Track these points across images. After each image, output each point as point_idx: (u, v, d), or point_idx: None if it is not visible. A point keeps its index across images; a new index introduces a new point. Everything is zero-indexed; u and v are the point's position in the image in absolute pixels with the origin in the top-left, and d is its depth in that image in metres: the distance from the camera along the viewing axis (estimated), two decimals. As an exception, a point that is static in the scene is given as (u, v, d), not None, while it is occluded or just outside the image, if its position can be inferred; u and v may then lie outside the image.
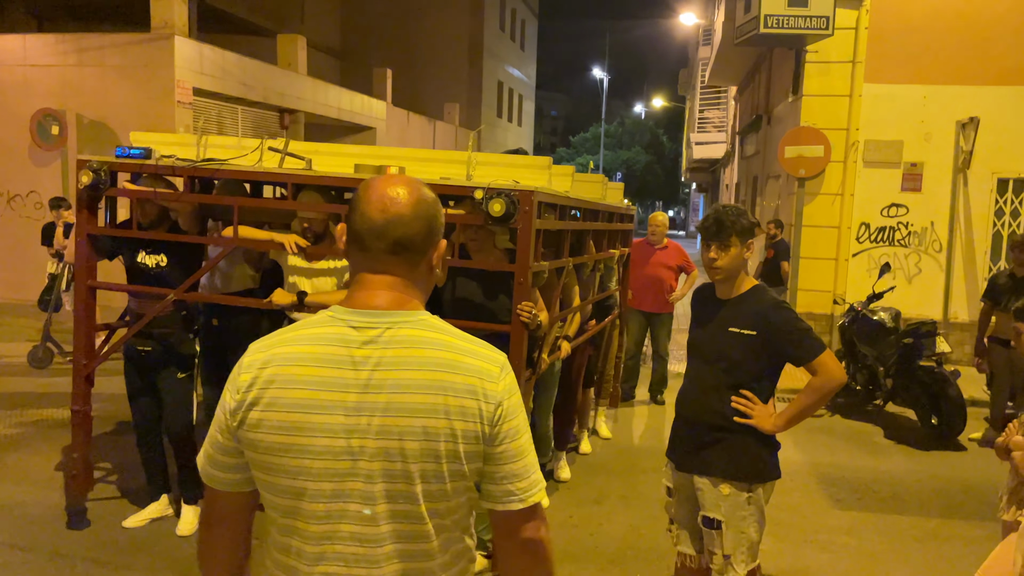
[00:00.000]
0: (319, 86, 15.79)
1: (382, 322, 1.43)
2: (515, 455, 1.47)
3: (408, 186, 1.48)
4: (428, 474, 1.40)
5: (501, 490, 1.47)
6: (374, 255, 1.46)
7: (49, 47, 11.78)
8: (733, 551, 3.01)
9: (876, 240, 10.05)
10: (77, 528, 4.38)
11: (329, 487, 1.40)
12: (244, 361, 1.46)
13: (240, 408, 1.42)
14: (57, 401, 6.77)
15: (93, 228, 4.26)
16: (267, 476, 1.43)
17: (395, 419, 1.38)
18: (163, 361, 4.39)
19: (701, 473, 3.05)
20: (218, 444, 1.47)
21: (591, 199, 5.08)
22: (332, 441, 1.39)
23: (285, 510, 1.44)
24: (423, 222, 1.47)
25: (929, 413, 7.01)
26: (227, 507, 1.51)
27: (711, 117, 25.26)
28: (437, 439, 1.39)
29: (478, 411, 1.42)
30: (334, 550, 1.42)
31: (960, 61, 9.67)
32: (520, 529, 1.50)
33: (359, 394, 1.39)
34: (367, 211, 1.45)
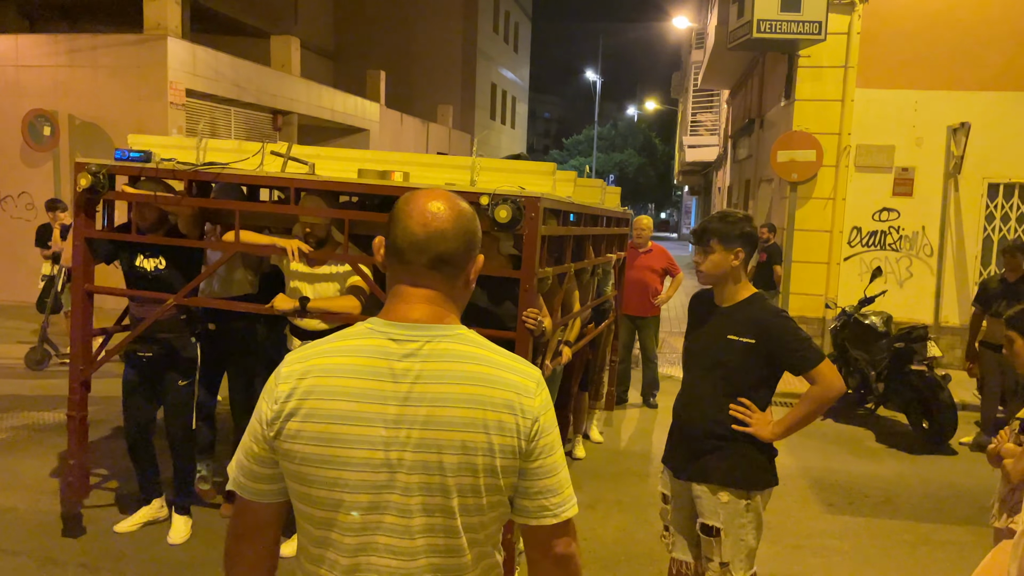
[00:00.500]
0: (312, 88, 15.78)
1: (422, 335, 1.44)
2: (550, 471, 1.48)
3: (448, 201, 1.49)
4: (465, 488, 1.41)
5: (536, 505, 1.48)
6: (414, 269, 1.46)
7: (41, 47, 11.74)
8: (732, 559, 3.02)
9: (868, 244, 10.11)
10: (72, 536, 4.33)
11: (366, 499, 1.40)
12: (282, 371, 1.46)
13: (278, 418, 1.42)
14: (52, 404, 6.74)
15: (91, 232, 4.22)
16: (303, 487, 1.43)
17: (434, 432, 1.39)
18: (165, 366, 4.36)
19: (699, 480, 3.05)
20: (253, 454, 1.47)
21: (591, 204, 5.09)
22: (371, 453, 1.39)
23: (320, 521, 1.43)
24: (463, 237, 1.48)
25: (920, 417, 7.05)
26: (258, 518, 1.51)
27: (704, 120, 25.33)
28: (475, 453, 1.40)
29: (515, 426, 1.42)
30: (368, 562, 1.42)
31: (952, 67, 9.73)
32: (553, 544, 1.51)
33: (399, 407, 1.39)
34: (409, 225, 1.45)
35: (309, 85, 15.63)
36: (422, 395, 1.40)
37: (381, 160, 4.20)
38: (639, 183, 49.78)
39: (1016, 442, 3.01)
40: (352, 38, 25.42)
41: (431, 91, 25.93)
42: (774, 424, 3.01)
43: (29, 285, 9.75)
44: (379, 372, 1.41)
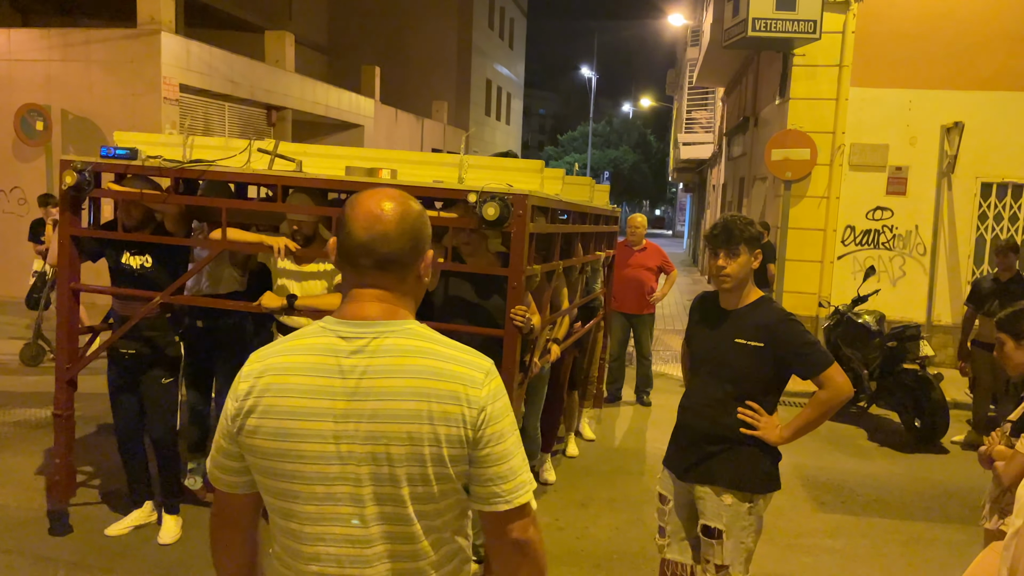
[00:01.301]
0: (307, 83, 15.73)
1: (370, 332, 1.49)
2: (500, 458, 1.51)
3: (393, 201, 1.52)
4: (414, 477, 1.46)
5: (487, 492, 1.51)
6: (362, 271, 1.52)
7: (34, 42, 11.68)
8: (731, 562, 3.01)
9: (861, 243, 10.12)
10: (59, 534, 4.31)
11: (321, 490, 1.47)
12: (243, 370, 1.54)
13: (239, 415, 1.50)
14: (43, 400, 6.70)
15: (76, 229, 4.19)
16: (265, 479, 1.51)
17: (382, 425, 1.44)
18: (148, 364, 4.32)
19: (704, 482, 3.04)
20: (222, 448, 1.55)
21: (579, 201, 5.08)
22: (323, 446, 1.45)
23: (282, 512, 1.51)
24: (408, 237, 1.52)
25: (912, 416, 7.06)
26: (234, 508, 1.59)
27: (698, 118, 25.33)
28: (421, 444, 1.45)
29: (461, 416, 1.46)
30: (327, 551, 1.49)
31: (946, 66, 9.74)
32: (508, 529, 1.54)
33: (347, 401, 1.45)
34: (353, 229, 1.50)
35: (303, 81, 15.58)
36: (369, 390, 1.45)
37: (369, 158, 4.19)
38: (634, 180, 49.80)
39: (1007, 444, 3.01)
40: (347, 33, 25.35)
41: (426, 87, 25.88)
42: (782, 428, 3.00)
43: (21, 280, 9.71)
44: (328, 369, 1.47)
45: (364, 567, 1.49)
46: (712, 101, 23.85)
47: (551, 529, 4.80)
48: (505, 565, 1.57)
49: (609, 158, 49.99)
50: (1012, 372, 3.23)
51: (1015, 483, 2.87)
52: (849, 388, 2.95)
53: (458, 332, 3.77)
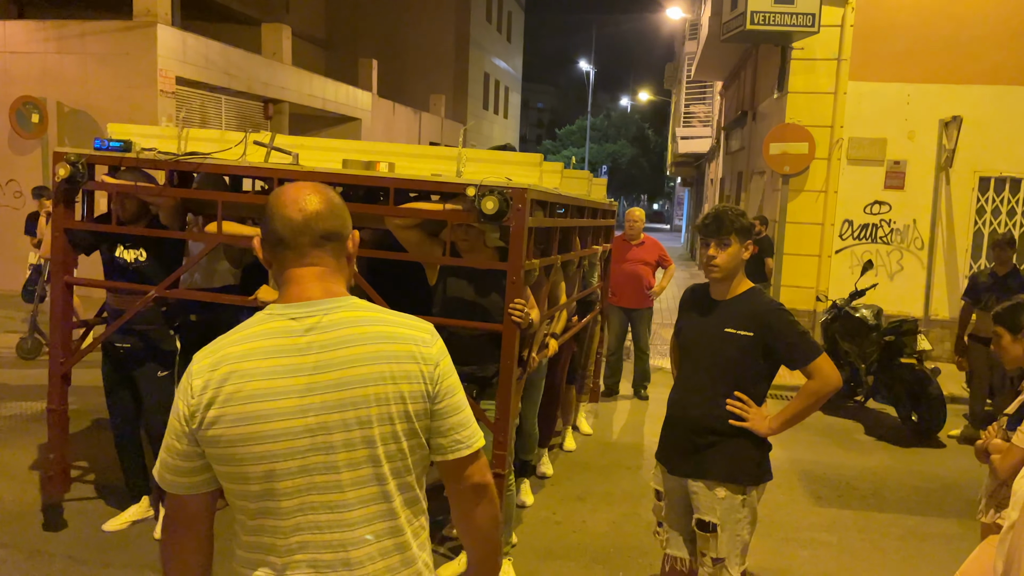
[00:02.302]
0: (304, 76, 15.67)
1: (318, 310, 1.57)
2: (456, 407, 1.65)
3: (314, 187, 1.63)
4: (387, 436, 1.56)
5: (449, 441, 1.64)
6: (301, 250, 1.59)
7: (30, 34, 11.62)
8: (728, 554, 3.01)
9: (859, 237, 10.11)
10: (53, 530, 4.28)
11: (295, 464, 1.52)
12: (192, 369, 1.56)
13: (197, 411, 1.52)
14: (38, 393, 6.68)
15: (70, 223, 4.15)
16: (233, 467, 1.53)
17: (349, 392, 1.53)
18: (143, 358, 4.29)
19: (696, 476, 3.04)
20: (176, 451, 1.56)
21: (577, 195, 5.06)
22: (290, 423, 1.51)
23: (256, 495, 1.54)
24: (337, 214, 1.62)
25: (909, 410, 7.07)
26: (192, 510, 1.61)
27: (696, 112, 25.30)
28: (388, 403, 1.55)
29: (420, 373, 1.58)
30: (307, 520, 1.54)
31: (944, 60, 9.72)
32: (470, 474, 1.68)
33: (308, 376, 1.52)
34: (286, 213, 1.58)
35: (300, 74, 15.53)
36: (329, 362, 1.53)
37: (366, 151, 4.15)
38: (632, 174, 49.78)
39: (1003, 438, 3.01)
40: (344, 26, 25.27)
41: (423, 80, 25.81)
42: (771, 419, 2.99)
43: (17, 273, 9.68)
44: (285, 349, 1.53)
45: (346, 531, 1.55)
46: (710, 95, 23.82)
47: (549, 523, 4.79)
48: (467, 509, 1.71)
49: (607, 152, 49.94)
50: (1008, 366, 3.23)
51: (1011, 476, 2.87)
52: (837, 378, 2.94)
53: (456, 328, 3.76)
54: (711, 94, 23.58)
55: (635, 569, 4.29)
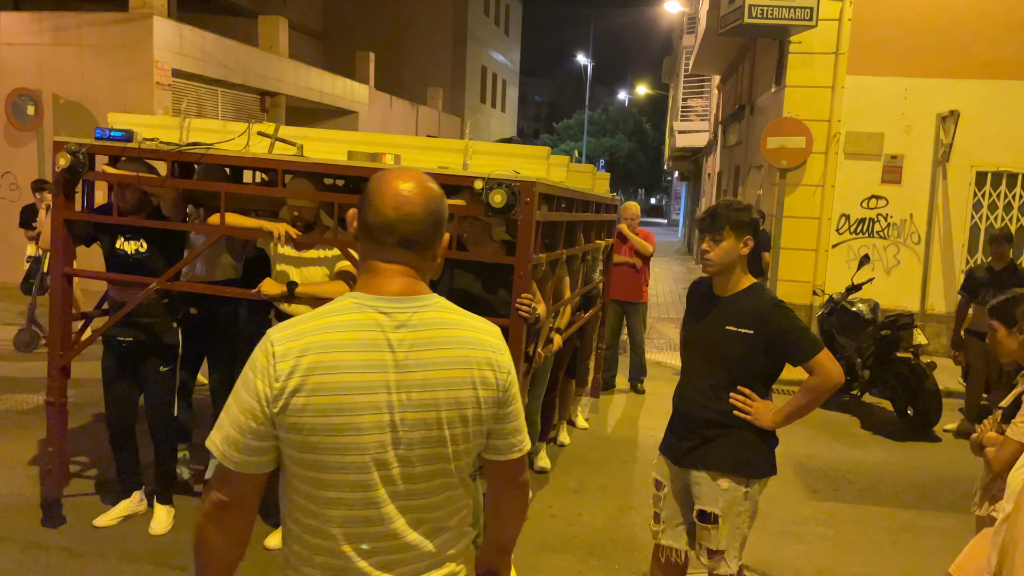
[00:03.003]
0: (301, 69, 15.63)
1: (408, 307, 1.59)
2: (517, 413, 1.74)
3: (418, 183, 1.60)
4: (457, 437, 1.62)
5: (506, 444, 1.74)
6: (386, 248, 1.60)
7: (25, 25, 11.56)
8: (727, 547, 3.02)
9: (856, 232, 10.13)
10: (51, 526, 4.25)
11: (374, 458, 1.55)
12: (276, 350, 1.53)
13: (281, 395, 1.51)
14: (36, 386, 6.67)
15: (70, 213, 4.11)
16: (310, 455, 1.54)
17: (433, 393, 1.57)
18: (146, 352, 4.24)
19: (699, 467, 3.05)
20: (248, 429, 1.54)
21: (582, 189, 5.05)
22: (377, 416, 1.54)
23: (330, 484, 1.55)
24: (431, 219, 1.61)
25: (905, 404, 7.09)
26: (250, 488, 1.60)
27: (694, 106, 25.28)
28: (466, 407, 1.61)
29: (495, 380, 1.65)
30: (380, 514, 1.57)
31: (942, 54, 9.72)
32: (518, 473, 1.80)
33: (398, 373, 1.55)
34: (380, 206, 1.58)
35: (297, 66, 15.49)
36: (418, 361, 1.57)
37: (371, 142, 4.12)
38: (629, 168, 49.76)
39: (998, 431, 3.02)
40: (341, 19, 25.18)
41: (421, 74, 25.74)
42: (775, 412, 3.01)
43: (13, 266, 9.67)
44: (376, 344, 1.55)
45: (410, 517, 1.60)
46: (708, 89, 23.80)
47: (545, 516, 4.80)
48: (511, 507, 1.86)
49: (605, 146, 49.90)
50: (1003, 359, 3.24)
51: (1005, 469, 2.88)
52: (839, 374, 2.94)
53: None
54: (709, 88, 23.56)
55: (631, 562, 4.31)
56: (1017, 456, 2.84)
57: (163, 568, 3.93)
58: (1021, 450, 2.85)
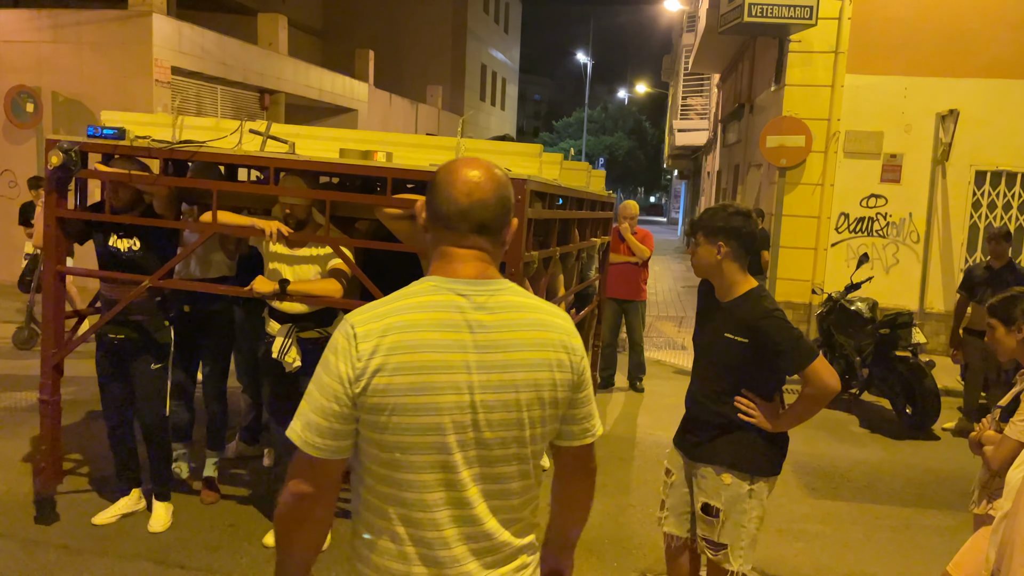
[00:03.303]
0: (300, 67, 15.62)
1: (485, 289, 1.60)
2: (589, 398, 1.74)
3: (487, 170, 1.62)
4: (535, 420, 1.62)
5: (580, 428, 1.73)
6: (460, 234, 1.61)
7: (24, 23, 11.55)
8: (731, 542, 3.04)
9: (855, 230, 10.12)
10: (45, 523, 4.23)
11: (454, 439, 1.54)
12: (357, 331, 1.54)
13: (363, 375, 1.51)
14: (32, 384, 6.63)
15: (63, 211, 4.10)
16: (390, 436, 1.53)
17: (512, 375, 1.58)
18: (137, 350, 4.22)
19: (706, 462, 3.09)
20: (332, 413, 1.54)
21: (576, 187, 5.05)
22: (459, 397, 1.54)
23: (409, 465, 1.54)
24: (502, 205, 1.63)
25: (904, 403, 7.09)
26: (333, 475, 1.59)
27: (694, 104, 25.27)
28: (543, 389, 1.61)
29: (569, 363, 1.65)
30: (456, 496, 1.57)
31: (941, 53, 9.71)
32: (589, 458, 1.80)
33: (478, 354, 1.55)
34: (453, 194, 1.59)
35: (297, 64, 15.48)
36: (496, 342, 1.58)
37: (363, 140, 4.12)
38: (629, 166, 49.78)
39: (997, 429, 3.02)
40: (340, 17, 25.16)
41: (420, 72, 25.73)
42: (777, 418, 3.03)
43: (11, 264, 9.66)
44: (456, 324, 1.56)
45: (488, 503, 1.60)
46: (708, 87, 23.79)
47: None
48: (582, 495, 1.85)
49: (604, 144, 49.89)
50: (1002, 357, 3.23)
51: (1004, 467, 2.88)
52: (834, 383, 2.94)
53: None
54: (708, 86, 23.55)
55: (629, 560, 4.30)
56: (1015, 455, 2.84)
57: (162, 566, 3.93)
58: (1019, 448, 2.84)
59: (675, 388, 8.20)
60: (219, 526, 4.38)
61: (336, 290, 3.90)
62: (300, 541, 1.62)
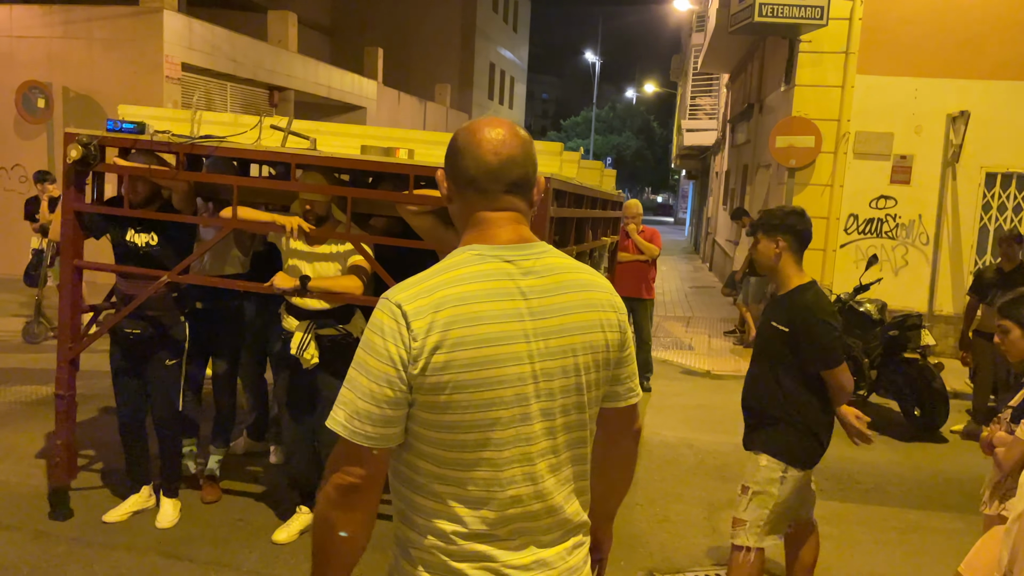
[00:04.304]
0: (309, 64, 15.66)
1: (529, 253, 1.55)
2: (633, 357, 1.70)
3: (509, 127, 1.57)
4: (591, 383, 1.58)
5: (624, 389, 1.70)
6: (492, 195, 1.55)
7: (36, 18, 11.62)
8: (749, 520, 3.19)
9: (864, 232, 10.10)
10: (59, 519, 4.25)
11: (519, 412, 1.49)
12: (406, 309, 1.45)
13: (421, 355, 1.43)
14: (43, 377, 6.71)
15: (81, 205, 4.10)
16: (453, 415, 1.46)
17: (568, 339, 1.53)
18: (152, 345, 4.21)
19: (748, 448, 3.32)
20: (384, 398, 1.45)
21: (591, 186, 5.04)
22: (520, 368, 1.48)
23: (474, 444, 1.48)
24: (530, 161, 1.58)
25: (912, 405, 7.07)
26: (379, 466, 1.50)
27: (703, 104, 25.22)
28: (597, 351, 1.58)
29: (617, 322, 1.62)
30: (524, 471, 1.51)
31: (952, 54, 9.68)
32: (633, 419, 1.76)
33: (533, 321, 1.50)
34: (481, 155, 1.53)
35: (306, 61, 15.52)
36: (550, 307, 1.52)
37: (383, 136, 4.11)
38: (636, 166, 49.73)
39: (1008, 431, 3.01)
40: (350, 14, 25.20)
41: (429, 70, 25.76)
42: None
43: (20, 258, 9.70)
44: (509, 292, 1.50)
45: (555, 477, 1.55)
46: (716, 87, 23.74)
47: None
48: (626, 459, 1.82)
49: (612, 144, 49.86)
50: (1013, 359, 3.21)
51: (1016, 469, 2.88)
52: (847, 389, 3.20)
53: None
54: (717, 86, 23.50)
55: (635, 559, 4.31)
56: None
57: (171, 559, 3.95)
58: None
59: (682, 388, 8.20)
60: (228, 521, 4.40)
61: (357, 287, 3.89)
62: (347, 539, 1.51)
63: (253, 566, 3.95)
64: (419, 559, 1.54)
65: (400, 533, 1.59)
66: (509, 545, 1.53)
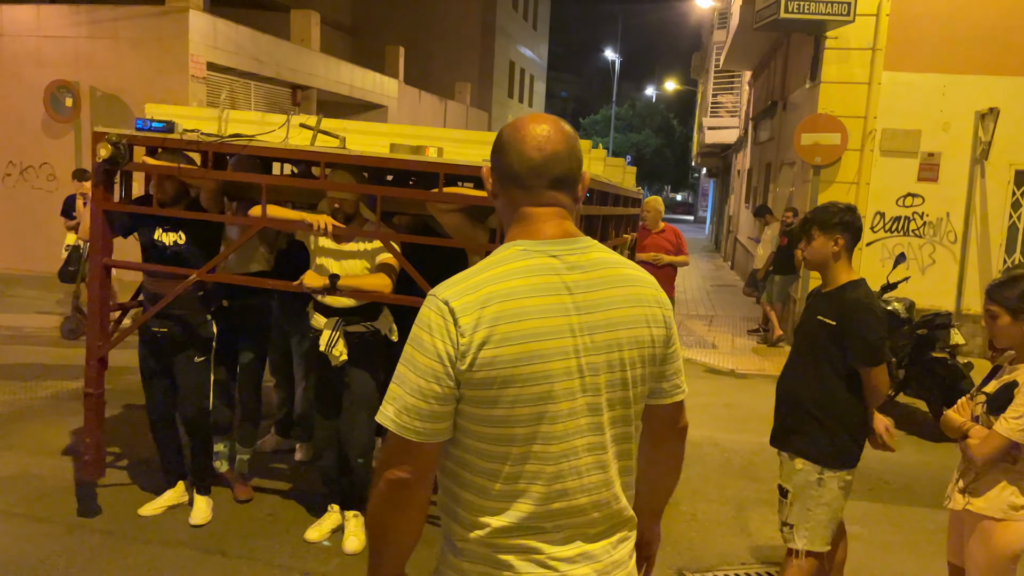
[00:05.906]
0: (331, 63, 15.72)
1: (574, 248, 1.55)
2: (678, 354, 1.69)
3: (554, 123, 1.57)
4: (636, 379, 1.58)
5: (671, 385, 1.69)
6: (536, 191, 1.56)
7: (63, 18, 11.74)
8: (797, 523, 3.21)
9: (891, 230, 10.00)
10: (87, 516, 4.29)
11: (566, 406, 1.49)
12: (453, 306, 1.46)
13: (469, 350, 1.44)
14: (75, 372, 6.77)
15: (110, 204, 4.12)
16: (501, 410, 1.47)
17: (614, 333, 1.53)
18: (180, 344, 4.24)
19: (782, 447, 3.33)
20: (433, 394, 1.46)
21: (614, 183, 5.03)
22: (567, 362, 1.48)
23: (523, 439, 1.48)
24: (575, 157, 1.58)
25: (941, 405, 6.98)
26: (429, 461, 1.51)
27: (724, 102, 25.05)
28: (643, 346, 1.58)
29: (662, 318, 1.62)
30: (571, 465, 1.52)
31: (981, 51, 9.55)
32: (680, 417, 1.76)
33: (579, 315, 1.50)
34: (525, 151, 1.54)
35: (328, 60, 15.58)
36: (595, 302, 1.53)
37: (411, 135, 4.11)
38: (656, 165, 49.47)
39: (985, 423, 2.89)
40: (371, 13, 25.28)
41: (449, 68, 25.79)
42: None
43: (49, 255, 9.82)
44: (555, 287, 1.50)
45: (603, 472, 1.55)
46: (738, 85, 23.59)
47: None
48: (672, 457, 1.82)
49: (631, 142, 49.62)
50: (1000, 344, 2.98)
51: (988, 463, 2.79)
52: (883, 391, 3.19)
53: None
54: (739, 84, 23.35)
55: (664, 557, 4.27)
56: (1001, 451, 2.74)
57: (204, 552, 3.99)
58: (1008, 446, 2.75)
59: (705, 387, 8.16)
60: (258, 516, 4.43)
61: (386, 285, 3.89)
62: (398, 531, 1.55)
63: (284, 560, 3.98)
64: (465, 551, 1.55)
65: (446, 527, 1.60)
66: (555, 538, 1.53)
